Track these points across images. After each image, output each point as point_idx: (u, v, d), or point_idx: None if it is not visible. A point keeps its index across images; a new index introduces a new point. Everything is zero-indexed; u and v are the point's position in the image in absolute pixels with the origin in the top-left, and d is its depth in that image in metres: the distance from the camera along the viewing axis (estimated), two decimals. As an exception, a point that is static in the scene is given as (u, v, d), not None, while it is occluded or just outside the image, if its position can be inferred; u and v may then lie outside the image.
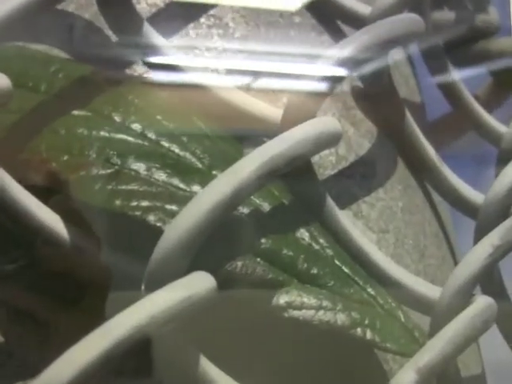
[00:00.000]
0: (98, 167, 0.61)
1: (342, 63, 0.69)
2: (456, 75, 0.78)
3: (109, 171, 0.61)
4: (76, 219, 0.61)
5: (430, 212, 0.76)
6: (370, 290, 0.70)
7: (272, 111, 0.66)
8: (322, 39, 0.71)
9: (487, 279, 0.77)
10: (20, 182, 0.59)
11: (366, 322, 0.69)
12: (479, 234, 0.77)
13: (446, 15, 0.78)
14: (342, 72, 0.68)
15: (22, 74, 0.63)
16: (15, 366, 0.60)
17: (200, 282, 0.59)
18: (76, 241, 0.61)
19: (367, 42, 0.71)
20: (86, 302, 0.63)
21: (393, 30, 0.73)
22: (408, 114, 0.73)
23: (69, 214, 0.61)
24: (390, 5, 0.74)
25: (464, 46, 0.80)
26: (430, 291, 0.74)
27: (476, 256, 0.76)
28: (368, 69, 0.71)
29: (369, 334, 0.69)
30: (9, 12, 0.60)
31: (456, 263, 0.76)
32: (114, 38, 0.65)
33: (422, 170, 0.76)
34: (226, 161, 0.63)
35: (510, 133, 0.79)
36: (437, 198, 0.77)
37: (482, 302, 0.75)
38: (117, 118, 0.63)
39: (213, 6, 0.67)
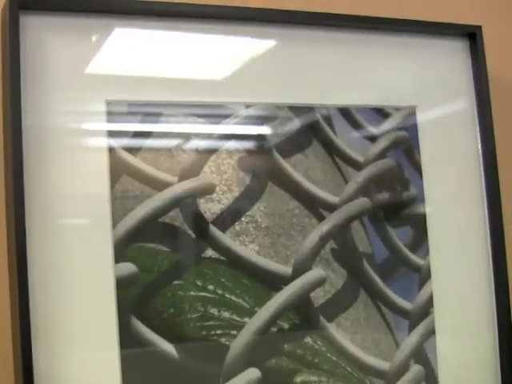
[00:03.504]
0: (191, 313, 0.88)
1: (323, 237, 0.96)
2: (391, 231, 1.02)
3: (196, 315, 0.89)
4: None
5: (380, 318, 1.01)
6: (348, 368, 0.96)
7: (282, 269, 0.93)
8: (312, 222, 0.97)
9: (418, 355, 1.02)
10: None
11: None
12: (410, 328, 1.03)
13: (384, 195, 1.02)
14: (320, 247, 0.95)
15: (143, 262, 0.89)
16: None
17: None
18: None
19: (340, 219, 0.98)
20: None
21: (353, 210, 1.00)
22: (365, 262, 0.99)
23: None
24: (351, 194, 1.01)
25: (396, 212, 1.04)
26: (383, 365, 0.99)
27: (410, 341, 1.04)
28: (339, 232, 0.98)
29: None
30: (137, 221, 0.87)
31: (398, 347, 1.00)
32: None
33: (374, 293, 1.02)
34: (262, 302, 0.91)
35: (426, 264, 1.04)
36: (384, 309, 1.01)
37: (416, 368, 1.02)
38: (199, 283, 0.89)
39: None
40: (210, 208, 0.93)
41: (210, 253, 0.92)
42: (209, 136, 0.94)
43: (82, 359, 0.84)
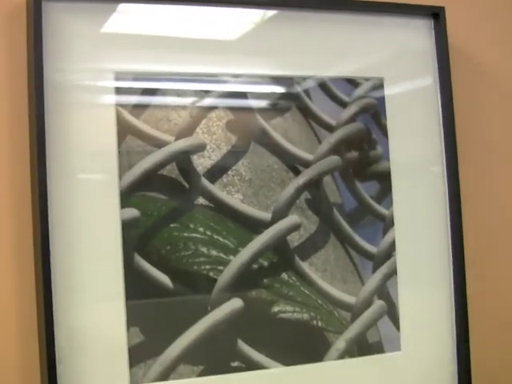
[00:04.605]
0: (184, 251, 1.02)
1: (299, 189, 1.09)
2: (359, 185, 1.16)
3: (189, 252, 1.03)
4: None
5: (348, 259, 1.15)
6: (319, 300, 1.10)
7: (263, 215, 1.06)
8: (289, 175, 1.10)
9: (381, 291, 1.16)
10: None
11: (318, 317, 1.09)
12: (374, 268, 1.17)
13: (353, 153, 1.15)
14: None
15: (144, 208, 1.03)
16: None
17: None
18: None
19: (313, 174, 1.12)
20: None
21: (325, 166, 1.14)
22: (335, 210, 1.13)
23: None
24: (323, 153, 1.14)
25: (364, 168, 1.17)
26: (350, 299, 1.13)
27: (374, 279, 1.16)
28: (313, 184, 1.11)
29: (319, 323, 1.09)
30: (140, 173, 1.00)
31: (363, 284, 1.14)
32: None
33: (343, 238, 1.16)
34: (245, 243, 1.06)
35: (389, 213, 1.18)
36: (352, 251, 1.15)
37: (378, 303, 1.15)
38: (191, 226, 1.04)
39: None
40: (202, 163, 1.07)
41: (201, 201, 1.06)
42: (201, 103, 1.08)
43: (92, 284, 1.00)
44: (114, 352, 1.00)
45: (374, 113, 1.19)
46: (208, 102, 1.09)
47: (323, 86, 1.16)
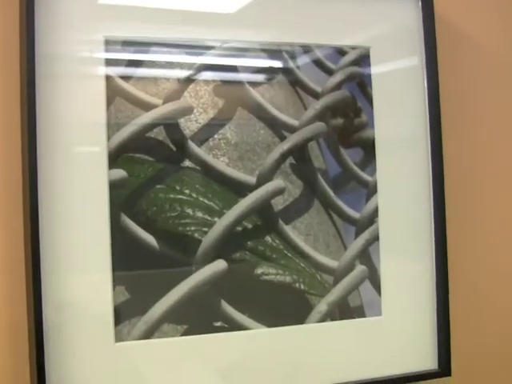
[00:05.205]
0: (170, 212, 1.04)
1: (284, 153, 1.10)
2: (344, 151, 1.17)
3: (175, 214, 1.04)
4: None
5: (331, 224, 1.17)
6: (301, 263, 1.12)
7: (248, 179, 1.08)
8: (274, 140, 1.12)
9: (363, 257, 1.18)
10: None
11: (301, 280, 1.11)
12: (357, 234, 1.19)
13: (338, 120, 1.17)
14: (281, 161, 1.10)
15: (132, 169, 1.05)
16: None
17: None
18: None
19: (298, 140, 1.14)
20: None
21: (310, 132, 1.16)
22: (319, 176, 1.14)
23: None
24: (309, 119, 1.16)
25: (348, 135, 1.19)
26: (332, 263, 1.15)
27: (356, 244, 1.18)
28: (298, 150, 1.13)
29: (302, 286, 1.11)
30: (128, 135, 1.02)
31: (345, 249, 1.16)
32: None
33: (327, 203, 1.17)
34: (230, 205, 1.07)
35: (373, 180, 1.20)
36: (335, 216, 1.17)
37: (360, 268, 1.17)
38: (177, 187, 1.05)
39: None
40: (189, 126, 1.09)
41: (187, 163, 1.08)
42: (189, 67, 1.09)
43: (79, 242, 1.01)
44: (100, 310, 1.02)
45: (360, 82, 1.21)
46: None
47: (310, 53, 1.17)
